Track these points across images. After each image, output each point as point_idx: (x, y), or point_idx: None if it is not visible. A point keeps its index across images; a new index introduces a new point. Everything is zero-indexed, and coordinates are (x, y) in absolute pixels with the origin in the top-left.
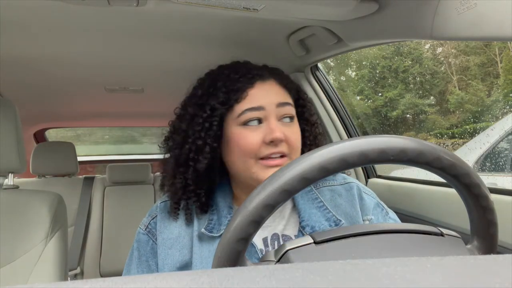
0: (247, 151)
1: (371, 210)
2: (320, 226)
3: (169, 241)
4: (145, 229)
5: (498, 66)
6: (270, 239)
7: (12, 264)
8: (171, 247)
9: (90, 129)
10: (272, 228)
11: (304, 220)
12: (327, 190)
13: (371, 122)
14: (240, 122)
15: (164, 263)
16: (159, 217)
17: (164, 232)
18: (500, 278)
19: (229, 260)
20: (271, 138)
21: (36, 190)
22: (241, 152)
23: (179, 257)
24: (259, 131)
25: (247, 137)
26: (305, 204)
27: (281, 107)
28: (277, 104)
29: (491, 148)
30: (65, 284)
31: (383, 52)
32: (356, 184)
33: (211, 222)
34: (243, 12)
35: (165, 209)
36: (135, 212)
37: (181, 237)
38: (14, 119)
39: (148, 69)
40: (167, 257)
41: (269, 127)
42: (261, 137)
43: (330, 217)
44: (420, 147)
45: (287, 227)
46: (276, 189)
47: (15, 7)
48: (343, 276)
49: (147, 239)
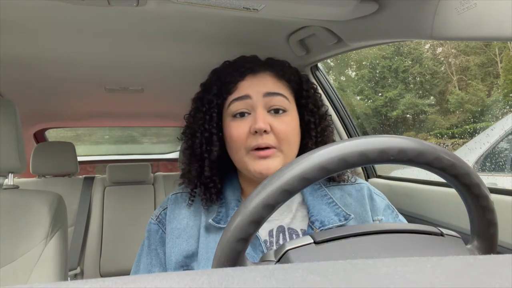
0: (237, 143)
1: (382, 211)
2: (329, 221)
3: (177, 230)
4: (156, 219)
5: (498, 66)
6: (276, 231)
7: (12, 264)
8: (179, 237)
9: (90, 129)
10: (279, 221)
11: (313, 215)
12: (337, 189)
13: (371, 122)
14: (230, 113)
15: (171, 251)
16: (169, 208)
17: (173, 222)
18: (500, 278)
19: (229, 260)
20: (254, 128)
21: (36, 190)
22: (232, 144)
23: (186, 247)
24: (247, 121)
25: (236, 128)
26: (314, 200)
27: (269, 97)
28: (264, 93)
29: (491, 148)
30: (65, 284)
31: (383, 52)
32: (367, 185)
33: (219, 214)
34: (243, 12)
35: (175, 200)
36: (135, 212)
37: (188, 228)
38: (14, 119)
39: (148, 69)
40: (174, 246)
41: (254, 116)
42: (248, 127)
43: (339, 212)
44: (420, 147)
45: (294, 221)
46: (276, 189)
47: (15, 7)
48: (343, 276)
49: (157, 228)
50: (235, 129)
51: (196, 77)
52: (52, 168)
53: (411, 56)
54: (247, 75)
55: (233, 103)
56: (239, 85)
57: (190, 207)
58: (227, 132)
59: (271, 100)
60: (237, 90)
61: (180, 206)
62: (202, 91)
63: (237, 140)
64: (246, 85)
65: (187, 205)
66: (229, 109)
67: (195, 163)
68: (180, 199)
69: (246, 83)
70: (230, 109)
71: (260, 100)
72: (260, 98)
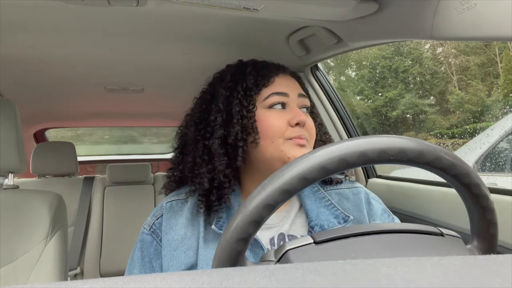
0: (276, 131)
1: (379, 216)
2: (329, 225)
3: (174, 242)
4: (149, 229)
5: (498, 66)
6: (277, 239)
7: (12, 264)
8: (176, 249)
9: (90, 129)
10: (279, 228)
11: (312, 220)
12: (335, 193)
13: (371, 122)
14: (266, 105)
15: (169, 264)
16: (164, 217)
17: (170, 233)
18: (500, 278)
19: (229, 260)
20: (297, 120)
21: (36, 190)
22: (269, 132)
23: (185, 259)
24: (284, 114)
25: (275, 119)
26: (313, 204)
27: (301, 98)
28: (299, 94)
29: (491, 148)
30: (65, 284)
31: (383, 52)
32: (364, 189)
33: (220, 220)
34: (243, 12)
35: (171, 209)
36: (135, 212)
37: (186, 239)
38: (14, 119)
39: (148, 69)
40: (172, 259)
41: (293, 111)
42: (287, 120)
43: (338, 214)
44: (420, 147)
45: (293, 227)
46: (276, 189)
47: (15, 7)
48: (343, 276)
49: (151, 239)
50: (276, 119)
51: (196, 77)
52: (52, 168)
53: (411, 56)
54: (280, 73)
55: (273, 96)
56: (275, 79)
57: (187, 215)
58: (261, 121)
59: (303, 100)
60: (274, 85)
61: (176, 215)
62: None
63: (278, 130)
64: (282, 81)
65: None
66: (266, 100)
67: (219, 158)
68: (176, 207)
69: (283, 81)
70: (268, 100)
71: (295, 98)
72: (295, 97)
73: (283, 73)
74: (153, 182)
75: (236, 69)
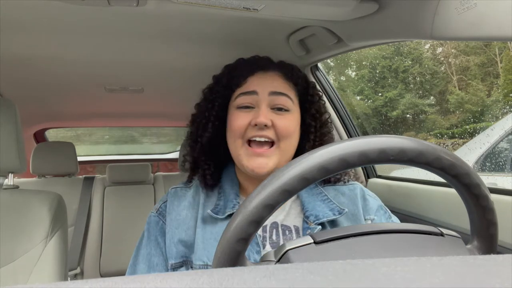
0: (235, 132)
1: (374, 212)
2: (324, 215)
3: (176, 221)
4: (156, 211)
5: (498, 66)
6: (269, 227)
7: (12, 264)
8: (178, 227)
9: (90, 129)
10: (273, 217)
11: (308, 210)
12: (331, 189)
13: (371, 122)
14: (235, 105)
15: (171, 241)
16: (169, 200)
17: (172, 213)
18: (500, 278)
19: (229, 260)
20: (255, 121)
21: (36, 190)
22: (231, 132)
23: (185, 237)
24: (250, 114)
25: (237, 119)
26: (309, 197)
27: (275, 96)
28: (270, 92)
29: (491, 148)
30: (65, 284)
31: (383, 52)
32: (360, 186)
33: (217, 206)
34: (243, 12)
35: (175, 194)
36: (135, 212)
37: (187, 219)
38: (14, 119)
39: (148, 69)
40: (174, 236)
41: (259, 111)
42: (250, 119)
43: (334, 207)
44: (420, 147)
45: (287, 218)
46: (276, 189)
47: (15, 7)
48: (343, 276)
49: (157, 220)
50: (237, 119)
51: (196, 77)
52: (52, 168)
53: (411, 56)
54: (257, 72)
55: (240, 96)
56: (248, 80)
57: (189, 199)
58: (228, 121)
59: (276, 99)
60: (246, 85)
61: (180, 199)
62: (213, 83)
63: (236, 129)
64: (255, 81)
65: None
66: (235, 101)
67: (192, 147)
68: (179, 193)
69: (255, 80)
70: (237, 101)
71: (265, 97)
72: (266, 95)
73: (262, 71)
74: (153, 182)
75: (223, 70)
